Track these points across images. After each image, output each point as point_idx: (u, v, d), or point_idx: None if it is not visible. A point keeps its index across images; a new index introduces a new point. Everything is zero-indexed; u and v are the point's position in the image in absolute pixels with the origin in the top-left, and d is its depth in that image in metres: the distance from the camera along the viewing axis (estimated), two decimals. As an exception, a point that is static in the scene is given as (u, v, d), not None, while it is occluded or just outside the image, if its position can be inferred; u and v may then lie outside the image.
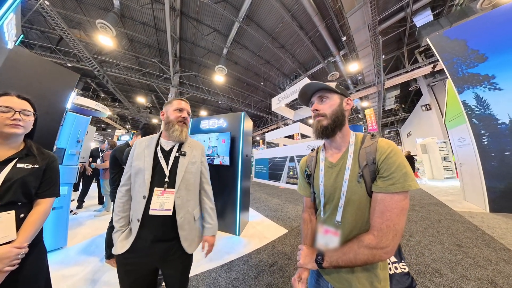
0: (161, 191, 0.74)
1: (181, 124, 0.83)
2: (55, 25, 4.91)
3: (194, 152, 0.87)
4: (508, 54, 3.12)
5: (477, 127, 3.29)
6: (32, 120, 0.73)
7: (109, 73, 7.42)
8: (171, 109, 0.84)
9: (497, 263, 1.65)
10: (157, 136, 0.86)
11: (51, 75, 1.81)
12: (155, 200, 0.73)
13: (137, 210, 0.73)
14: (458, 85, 3.55)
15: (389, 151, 0.48)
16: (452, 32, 3.74)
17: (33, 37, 6.89)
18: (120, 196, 0.80)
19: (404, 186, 0.43)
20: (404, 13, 5.66)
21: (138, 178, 0.76)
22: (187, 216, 0.79)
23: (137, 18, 6.20)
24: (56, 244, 1.91)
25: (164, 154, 0.81)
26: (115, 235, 0.75)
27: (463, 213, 3.09)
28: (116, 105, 12.63)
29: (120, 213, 0.78)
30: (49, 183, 0.74)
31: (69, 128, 2.23)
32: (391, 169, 0.46)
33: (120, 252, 0.70)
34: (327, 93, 0.57)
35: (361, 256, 0.44)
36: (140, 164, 0.77)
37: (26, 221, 0.65)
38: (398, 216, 0.43)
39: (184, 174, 0.79)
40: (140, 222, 0.72)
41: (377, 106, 9.59)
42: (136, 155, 0.81)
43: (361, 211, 0.50)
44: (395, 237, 0.42)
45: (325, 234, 0.55)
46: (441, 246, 2.00)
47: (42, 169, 0.72)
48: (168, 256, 0.74)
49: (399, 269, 0.55)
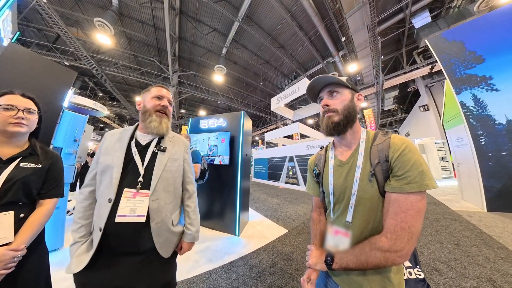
0: (133, 192, 0.61)
1: (160, 114, 0.71)
2: (52, 23, 4.84)
3: (175, 147, 0.75)
4: (504, 56, 3.16)
5: (475, 128, 3.33)
6: (36, 119, 0.73)
7: (107, 72, 7.35)
8: (148, 97, 0.72)
9: (495, 261, 1.66)
10: (132, 128, 0.73)
11: (48, 72, 1.78)
12: (124, 204, 0.59)
13: (99, 217, 0.59)
14: (456, 86, 3.59)
15: (403, 148, 0.45)
16: (450, 34, 3.78)
17: (30, 35, 6.80)
18: (82, 200, 0.65)
19: (421, 186, 0.41)
20: (403, 14, 5.70)
21: (105, 177, 0.63)
22: (166, 220, 0.66)
23: (135, 16, 6.15)
24: (53, 245, 1.88)
25: (139, 149, 0.68)
26: (72, 248, 0.60)
27: (461, 213, 3.12)
28: (114, 104, 12.53)
29: (80, 220, 0.63)
30: (53, 183, 0.73)
31: (66, 127, 2.20)
32: (405, 167, 0.43)
33: (76, 271, 0.56)
34: (337, 88, 0.54)
35: (373, 259, 0.42)
36: (108, 160, 0.64)
37: (27, 222, 0.63)
38: (414, 218, 0.40)
39: (162, 172, 0.67)
40: (103, 232, 0.57)
41: (376, 106, 9.65)
42: (105, 149, 0.67)
43: (373, 212, 0.47)
44: (410, 240, 0.40)
45: (335, 235, 0.54)
46: (440, 245, 2.01)
47: (45, 169, 0.71)
48: (140, 271, 0.60)
49: (414, 275, 0.53)
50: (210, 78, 8.94)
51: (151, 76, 8.44)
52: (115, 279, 0.58)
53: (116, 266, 0.58)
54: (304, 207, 3.92)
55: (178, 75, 8.46)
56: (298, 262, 1.76)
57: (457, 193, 4.26)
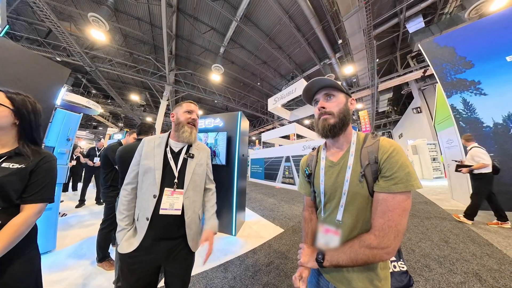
0: (171, 191, 0.76)
1: (191, 126, 0.85)
2: (43, 16, 4.68)
3: (201, 154, 0.90)
4: (492, 62, 3.30)
5: (464, 130, 3.46)
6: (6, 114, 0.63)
7: (101, 69, 7.17)
8: (181, 111, 0.86)
9: (481, 257, 1.75)
10: (166, 136, 0.88)
11: (40, 69, 1.73)
12: (165, 200, 0.75)
13: (146, 209, 0.74)
14: (446, 90, 3.72)
15: (391, 150, 0.47)
16: (441, 39, 3.91)
17: (20, 28, 6.55)
18: (125, 194, 0.80)
19: (407, 186, 0.43)
20: (397, 19, 5.86)
21: (147, 177, 0.77)
22: (194, 216, 0.81)
23: (132, 12, 6.04)
24: (45, 247, 1.82)
25: (173, 155, 0.83)
26: (120, 234, 0.75)
27: (451, 211, 3.23)
28: (108, 102, 12.24)
29: (125, 212, 0.78)
30: (36, 186, 0.65)
31: (59, 125, 2.13)
32: (393, 169, 0.45)
33: (127, 251, 0.71)
34: (333, 91, 0.56)
35: (362, 256, 0.44)
36: (150, 164, 0.78)
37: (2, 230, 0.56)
38: (400, 216, 0.43)
39: (192, 175, 0.82)
40: (150, 221, 0.73)
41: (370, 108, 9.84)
42: (145, 154, 0.81)
43: (362, 211, 0.49)
44: (397, 238, 0.42)
45: (325, 233, 0.55)
46: (430, 243, 2.08)
47: (29, 169, 0.64)
48: (173, 254, 0.76)
49: (398, 268, 0.56)
50: (207, 77, 8.88)
51: (147, 74, 8.30)
52: (154, 259, 0.73)
53: (156, 248, 0.73)
54: (300, 207, 3.96)
55: (174, 74, 8.35)
56: (294, 261, 1.78)
57: (447, 193, 4.42)
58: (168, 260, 0.75)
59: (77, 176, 4.97)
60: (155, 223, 0.73)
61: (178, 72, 8.42)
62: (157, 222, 0.73)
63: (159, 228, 0.73)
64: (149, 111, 13.75)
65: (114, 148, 1.64)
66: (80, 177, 4.96)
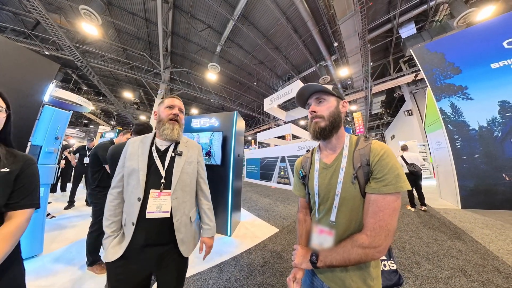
0: (158, 192, 0.71)
1: (172, 122, 0.79)
2: (30, 7, 4.45)
3: (190, 151, 0.84)
4: (478, 68, 3.47)
5: (452, 132, 3.62)
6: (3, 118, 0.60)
7: (93, 64, 6.92)
8: (162, 107, 0.81)
9: (467, 253, 1.84)
10: (152, 135, 0.83)
11: (27, 63, 1.64)
12: (151, 202, 0.70)
13: (131, 213, 0.69)
14: (436, 94, 3.87)
15: (382, 153, 0.49)
16: (432, 45, 4.07)
17: (5, 19, 6.21)
18: (112, 199, 0.76)
19: (396, 187, 0.45)
20: (391, 24, 6.04)
21: (132, 179, 0.72)
22: (184, 218, 0.76)
23: (126, 7, 5.86)
24: (31, 251, 1.73)
25: (159, 154, 0.78)
26: (106, 241, 0.70)
27: (439, 210, 3.38)
28: (100, 99, 11.85)
29: (111, 217, 0.73)
30: (25, 191, 0.61)
31: (47, 123, 2.04)
32: (384, 171, 0.47)
33: (112, 260, 0.66)
34: (324, 95, 0.58)
35: (355, 256, 0.45)
36: (134, 165, 0.73)
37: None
38: (391, 216, 0.44)
39: (180, 174, 0.77)
40: (135, 226, 0.68)
41: (364, 110, 10.09)
42: (129, 155, 0.76)
43: (355, 212, 0.51)
44: (387, 237, 0.44)
45: (319, 234, 0.56)
46: (420, 240, 2.17)
47: (15, 174, 0.59)
48: (163, 261, 0.71)
49: (388, 267, 0.58)
50: (203, 76, 8.78)
51: (141, 71, 8.10)
52: (143, 267, 0.69)
53: (145, 256, 0.68)
54: (295, 207, 3.99)
55: (169, 71, 8.20)
56: (289, 260, 1.79)
57: (436, 192, 4.60)
58: (159, 267, 0.70)
59: (66, 176, 4.78)
60: (142, 228, 0.68)
61: (173, 69, 8.27)
62: (144, 227, 0.68)
63: (147, 233, 0.68)
64: (143, 109, 13.43)
65: (105, 147, 1.59)
66: (69, 177, 4.77)
